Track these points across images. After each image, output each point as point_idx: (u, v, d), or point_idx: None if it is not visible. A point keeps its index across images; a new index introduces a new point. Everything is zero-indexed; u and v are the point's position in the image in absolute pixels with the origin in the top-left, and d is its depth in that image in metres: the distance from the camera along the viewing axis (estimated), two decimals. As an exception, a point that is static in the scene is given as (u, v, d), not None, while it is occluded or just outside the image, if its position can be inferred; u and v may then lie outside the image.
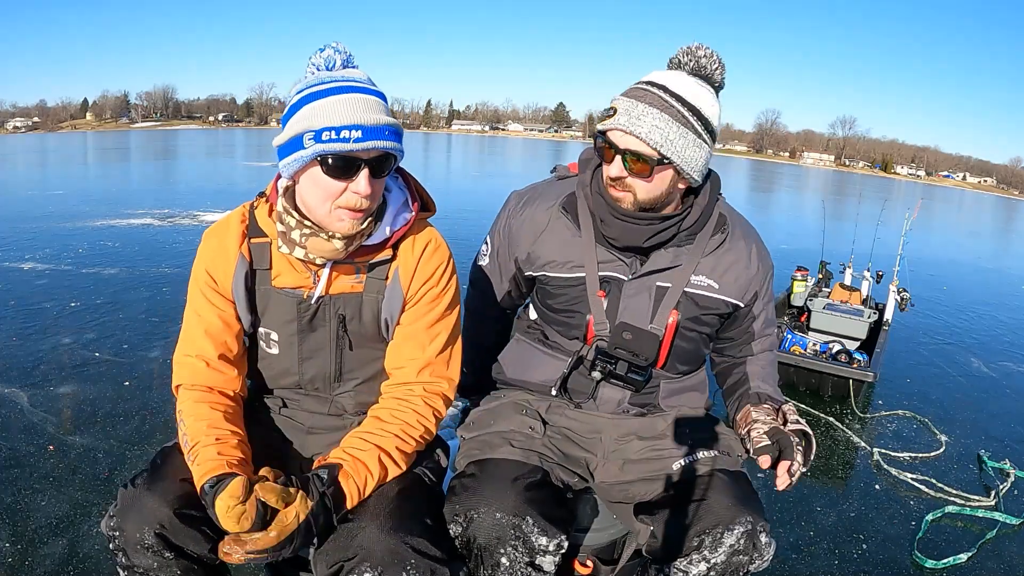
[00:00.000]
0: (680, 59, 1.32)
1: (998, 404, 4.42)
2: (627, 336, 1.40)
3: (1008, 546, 2.66)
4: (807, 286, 5.47)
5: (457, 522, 1.24)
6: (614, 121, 1.29)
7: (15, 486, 2.58)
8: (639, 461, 1.45)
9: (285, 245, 1.24)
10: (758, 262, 1.48)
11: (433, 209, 1.39)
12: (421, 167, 25.95)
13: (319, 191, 1.18)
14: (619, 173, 1.31)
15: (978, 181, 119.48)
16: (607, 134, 1.31)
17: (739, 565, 1.26)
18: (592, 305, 1.44)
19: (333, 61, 1.20)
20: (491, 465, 1.33)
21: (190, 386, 1.28)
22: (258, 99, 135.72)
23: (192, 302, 1.32)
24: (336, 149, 1.13)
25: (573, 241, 1.45)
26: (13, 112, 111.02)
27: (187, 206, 11.08)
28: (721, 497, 1.29)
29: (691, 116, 1.28)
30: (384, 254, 1.30)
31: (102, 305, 5.15)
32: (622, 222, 1.36)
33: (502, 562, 1.22)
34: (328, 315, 1.31)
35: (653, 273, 1.42)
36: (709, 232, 1.43)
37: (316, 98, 1.16)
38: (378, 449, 1.23)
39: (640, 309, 1.43)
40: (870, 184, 48.03)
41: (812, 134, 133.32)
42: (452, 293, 1.36)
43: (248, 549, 1.05)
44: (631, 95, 1.30)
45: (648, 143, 1.26)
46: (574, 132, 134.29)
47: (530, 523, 1.22)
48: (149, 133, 74.78)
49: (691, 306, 1.44)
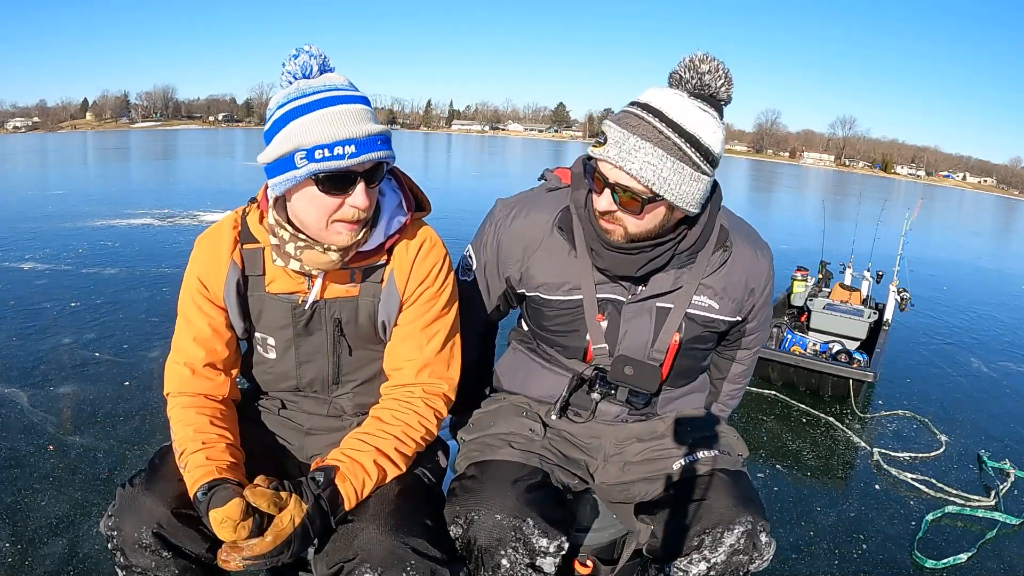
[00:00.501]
0: (682, 74, 1.21)
1: (998, 404, 4.42)
2: (628, 372, 1.36)
3: (1008, 546, 2.66)
4: (807, 286, 5.47)
5: (458, 524, 1.24)
6: (604, 152, 1.20)
7: (15, 486, 2.58)
8: (639, 462, 1.45)
9: (280, 258, 1.22)
10: (760, 279, 1.43)
11: (428, 208, 1.37)
12: (421, 167, 25.96)
13: (315, 209, 1.16)
14: (608, 207, 1.23)
15: (978, 181, 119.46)
16: (597, 164, 1.23)
17: (739, 565, 1.26)
18: (591, 329, 1.39)
19: (310, 67, 1.15)
20: (491, 467, 1.32)
21: (177, 393, 1.28)
22: (258, 99, 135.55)
23: (182, 309, 1.31)
24: (331, 167, 1.10)
25: (569, 261, 1.37)
26: (13, 112, 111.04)
27: (187, 206, 11.08)
28: (721, 497, 1.29)
29: (688, 148, 1.18)
30: (379, 258, 1.28)
31: (102, 305, 5.15)
32: (612, 253, 1.30)
33: (503, 564, 1.22)
34: (324, 319, 1.30)
35: (653, 297, 1.38)
36: (710, 250, 1.36)
37: (301, 113, 1.12)
38: (376, 451, 1.23)
39: (641, 332, 1.38)
40: (870, 184, 48.04)
41: (812, 134, 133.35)
42: (449, 292, 1.35)
43: (245, 555, 1.05)
44: (623, 124, 1.19)
45: (639, 180, 1.17)
46: (574, 132, 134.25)
47: (530, 525, 1.22)
48: (149, 133, 74.80)
49: (693, 326, 1.40)
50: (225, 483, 1.09)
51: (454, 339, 1.37)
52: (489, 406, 1.53)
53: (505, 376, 1.59)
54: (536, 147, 68.52)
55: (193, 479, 1.12)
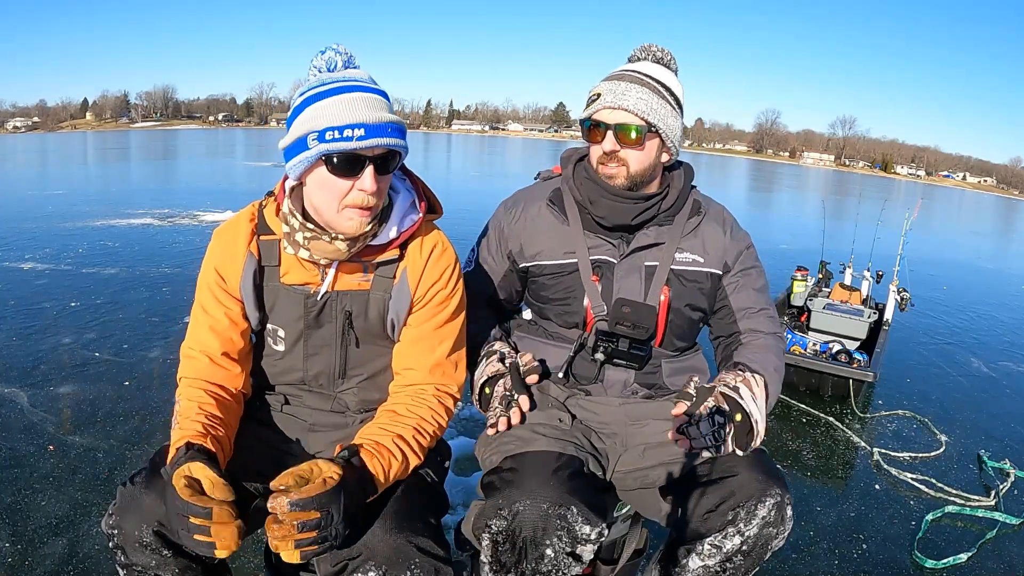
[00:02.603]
0: (638, 55, 1.50)
1: (998, 404, 4.42)
2: (626, 310, 1.45)
3: (1008, 546, 2.66)
4: (807, 286, 5.46)
5: (501, 516, 1.24)
6: (602, 101, 1.42)
7: (15, 486, 2.58)
8: (658, 445, 1.46)
9: (290, 246, 1.26)
10: (733, 233, 1.56)
11: (440, 212, 1.41)
12: (421, 167, 25.98)
13: (326, 192, 1.19)
14: (612, 147, 1.42)
15: (978, 181, 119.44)
16: (594, 116, 1.44)
17: (768, 537, 1.29)
18: (587, 290, 1.51)
19: (334, 63, 1.22)
20: (530, 457, 1.33)
21: (192, 379, 1.29)
22: (258, 99, 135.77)
23: (200, 298, 1.33)
24: (340, 148, 1.14)
25: (562, 229, 1.53)
26: (13, 112, 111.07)
27: (187, 206, 11.06)
28: (751, 472, 1.31)
29: (663, 91, 1.43)
30: (391, 253, 1.31)
31: (102, 305, 5.15)
32: (611, 202, 1.46)
33: (547, 553, 1.23)
34: (335, 311, 1.32)
35: (640, 251, 1.50)
36: (686, 215, 1.53)
37: (318, 99, 1.17)
38: (397, 436, 1.23)
39: (633, 288, 1.50)
40: (870, 184, 48.04)
41: (812, 134, 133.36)
42: (459, 296, 1.38)
43: (292, 500, 0.99)
44: (612, 80, 1.45)
45: (636, 113, 1.40)
46: (574, 132, 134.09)
47: (575, 512, 1.23)
48: (149, 133, 74.80)
49: (679, 283, 1.51)
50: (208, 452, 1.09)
51: (462, 343, 1.40)
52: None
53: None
54: (536, 147, 68.50)
55: (178, 436, 1.13)
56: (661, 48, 1.49)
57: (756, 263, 1.58)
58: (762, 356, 1.48)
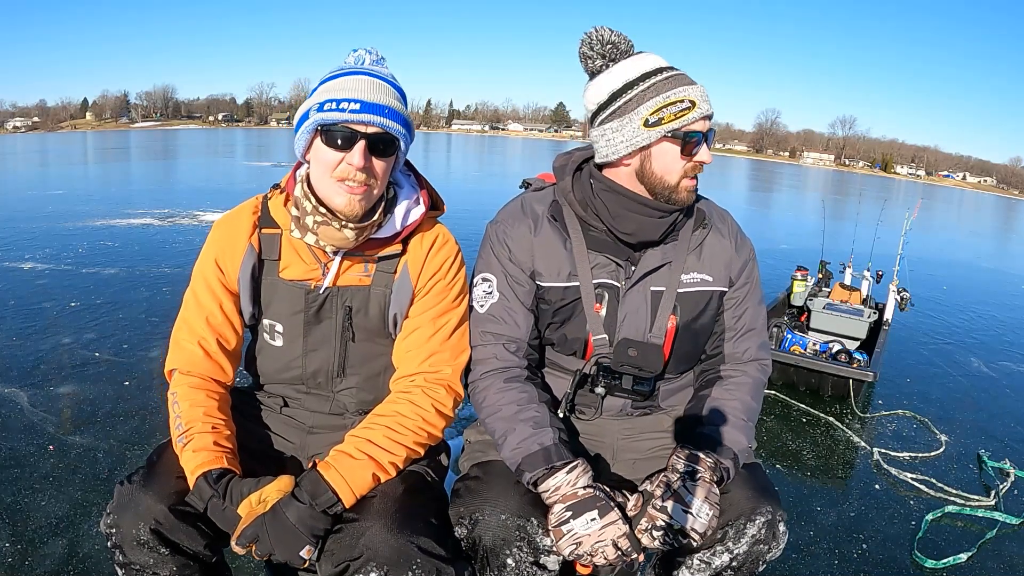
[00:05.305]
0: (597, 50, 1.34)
1: (998, 404, 4.42)
2: (632, 353, 1.37)
3: (1008, 546, 2.66)
4: (807, 286, 5.46)
5: (463, 524, 1.25)
6: (700, 111, 1.26)
7: (15, 486, 2.57)
8: (649, 459, 1.45)
9: (298, 230, 1.26)
10: (738, 245, 1.47)
11: (443, 209, 1.42)
12: (421, 167, 25.87)
13: (318, 164, 1.22)
14: (710, 157, 1.31)
15: (978, 181, 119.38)
16: (694, 127, 1.27)
17: (759, 554, 1.28)
18: (590, 321, 1.40)
19: (362, 60, 1.26)
20: (495, 467, 1.33)
21: (186, 372, 1.29)
22: (258, 99, 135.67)
23: (195, 287, 1.33)
24: (333, 119, 1.17)
25: (564, 250, 1.40)
26: (13, 112, 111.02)
27: (187, 206, 11.07)
28: (741, 489, 1.30)
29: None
30: (394, 248, 1.31)
31: (102, 305, 5.15)
32: (644, 217, 1.32)
33: (508, 563, 1.23)
34: (335, 306, 1.32)
35: (647, 275, 1.39)
36: (691, 228, 1.43)
37: (329, 79, 1.22)
38: (365, 441, 1.24)
39: (639, 318, 1.40)
40: (870, 184, 48.03)
41: (812, 134, 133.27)
42: (460, 285, 1.39)
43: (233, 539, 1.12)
44: (684, 81, 1.28)
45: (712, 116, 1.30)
46: (574, 132, 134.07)
47: (535, 524, 1.22)
48: (149, 133, 74.78)
49: (687, 307, 1.42)
50: (230, 474, 1.14)
51: (462, 331, 1.39)
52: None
53: None
54: (536, 147, 68.46)
55: (199, 461, 1.14)
56: (607, 33, 1.35)
57: (755, 272, 1.52)
58: (733, 407, 1.41)
